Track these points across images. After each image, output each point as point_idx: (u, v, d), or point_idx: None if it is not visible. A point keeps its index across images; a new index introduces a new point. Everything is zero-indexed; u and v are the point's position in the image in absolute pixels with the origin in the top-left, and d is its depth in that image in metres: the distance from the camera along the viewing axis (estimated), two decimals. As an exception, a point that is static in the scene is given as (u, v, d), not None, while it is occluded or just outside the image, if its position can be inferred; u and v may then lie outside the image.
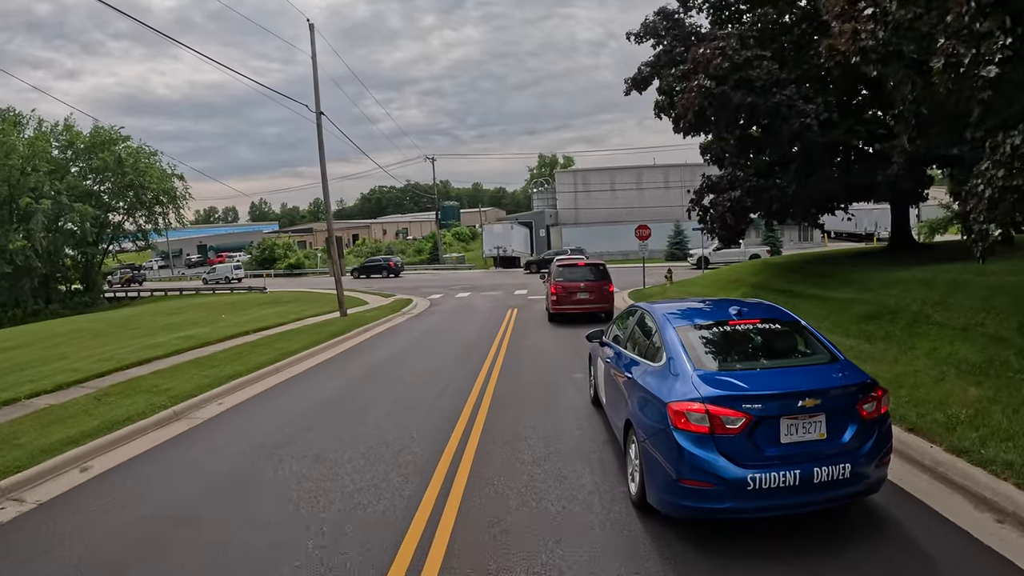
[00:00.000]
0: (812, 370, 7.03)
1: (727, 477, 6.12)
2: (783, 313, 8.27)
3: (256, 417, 12.77)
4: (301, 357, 19.12)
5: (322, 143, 29.38)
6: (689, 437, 6.29)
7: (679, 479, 6.30)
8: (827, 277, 20.72)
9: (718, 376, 6.75)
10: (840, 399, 6.48)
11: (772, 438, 6.29)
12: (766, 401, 6.31)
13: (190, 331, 25.80)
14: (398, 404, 12.89)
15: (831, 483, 6.22)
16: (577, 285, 24.39)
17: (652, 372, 7.53)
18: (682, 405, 6.40)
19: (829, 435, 6.38)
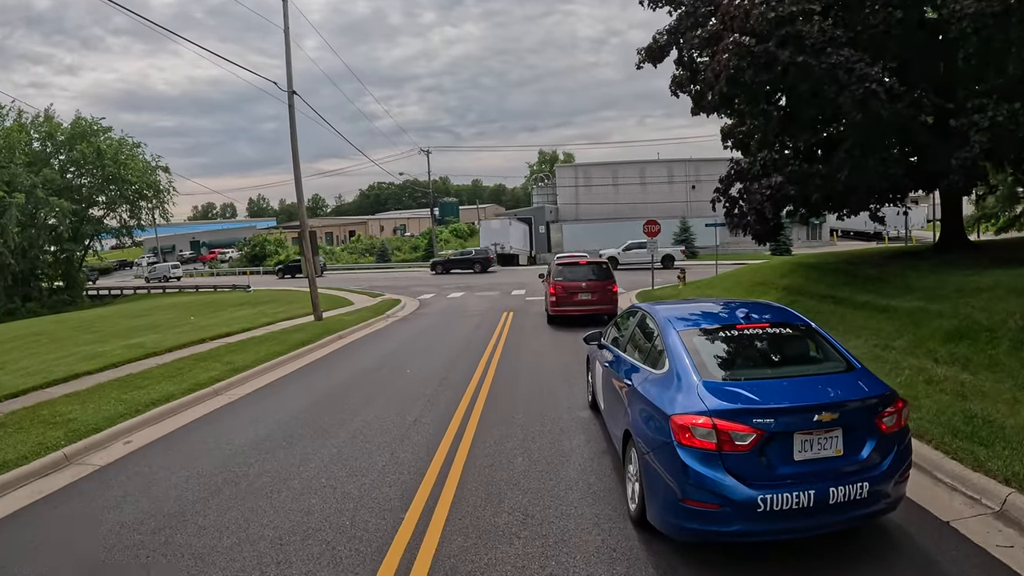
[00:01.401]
0: (828, 380, 6.50)
1: (735, 498, 5.67)
2: (794, 316, 7.81)
3: (160, 467, 9.71)
4: (251, 374, 16.25)
5: (294, 125, 26.41)
6: (694, 454, 5.85)
7: (683, 499, 5.86)
8: (879, 281, 17.57)
9: (726, 387, 6.28)
10: (858, 412, 6.02)
11: (785, 455, 5.86)
12: (779, 415, 5.82)
13: (144, 337, 23.66)
14: (347, 455, 9.78)
15: (848, 503, 5.77)
16: (578, 285, 22.80)
17: (654, 380, 7.03)
18: (687, 419, 5.96)
19: (846, 451, 5.96)
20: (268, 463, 9.33)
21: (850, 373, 6.61)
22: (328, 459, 9.31)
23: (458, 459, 9.06)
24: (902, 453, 6.13)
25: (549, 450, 9.23)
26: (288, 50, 25.98)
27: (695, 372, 6.46)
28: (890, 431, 6.06)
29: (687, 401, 6.13)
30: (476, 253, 64.18)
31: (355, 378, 15.24)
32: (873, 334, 13.79)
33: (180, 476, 9.06)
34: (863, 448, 5.97)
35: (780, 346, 7.20)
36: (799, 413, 5.83)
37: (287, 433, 10.84)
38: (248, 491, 8.29)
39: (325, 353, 19.57)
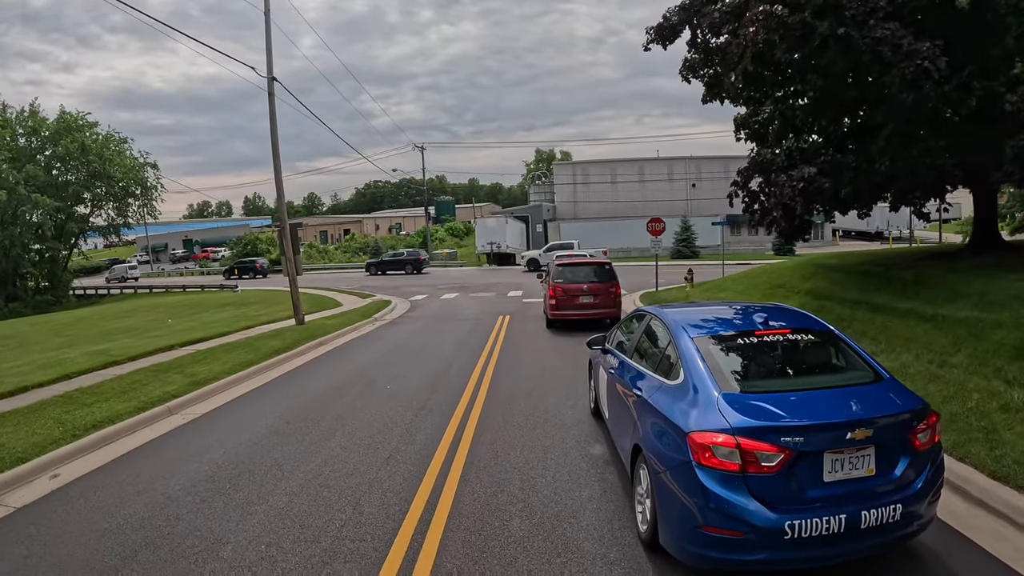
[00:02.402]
0: (858, 393, 5.97)
1: (760, 524, 5.17)
2: (816, 321, 7.35)
3: (77, 515, 7.88)
4: (213, 389, 14.42)
5: (274, 113, 24.46)
6: (715, 476, 5.33)
7: (702, 525, 5.34)
8: (918, 285, 15.60)
9: (749, 400, 5.77)
10: (892, 428, 5.57)
11: (814, 476, 5.36)
12: (809, 433, 5.33)
13: (113, 343, 22.08)
14: (300, 508, 7.88)
15: (880, 527, 5.31)
16: (580, 287, 21.41)
17: (667, 391, 6.50)
18: (707, 437, 5.43)
19: (879, 470, 5.50)
20: (202, 516, 7.48)
21: (879, 384, 6.17)
22: (275, 513, 7.43)
23: (438, 518, 7.18)
24: (936, 471, 5.77)
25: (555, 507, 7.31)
26: (268, 33, 24.08)
27: (713, 384, 5.98)
28: (924, 448, 5.67)
29: (707, 417, 5.65)
30: (408, 255, 65.15)
31: (327, 396, 13.36)
32: (924, 348, 11.96)
33: (96, 531, 7.32)
34: (896, 466, 5.59)
35: (803, 354, 6.82)
36: (831, 430, 5.41)
37: (235, 471, 8.99)
38: (169, 558, 6.49)
39: (300, 363, 17.70)
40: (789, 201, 15.45)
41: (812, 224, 18.84)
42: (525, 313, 26.76)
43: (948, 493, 7.00)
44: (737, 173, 19.25)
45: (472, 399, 12.34)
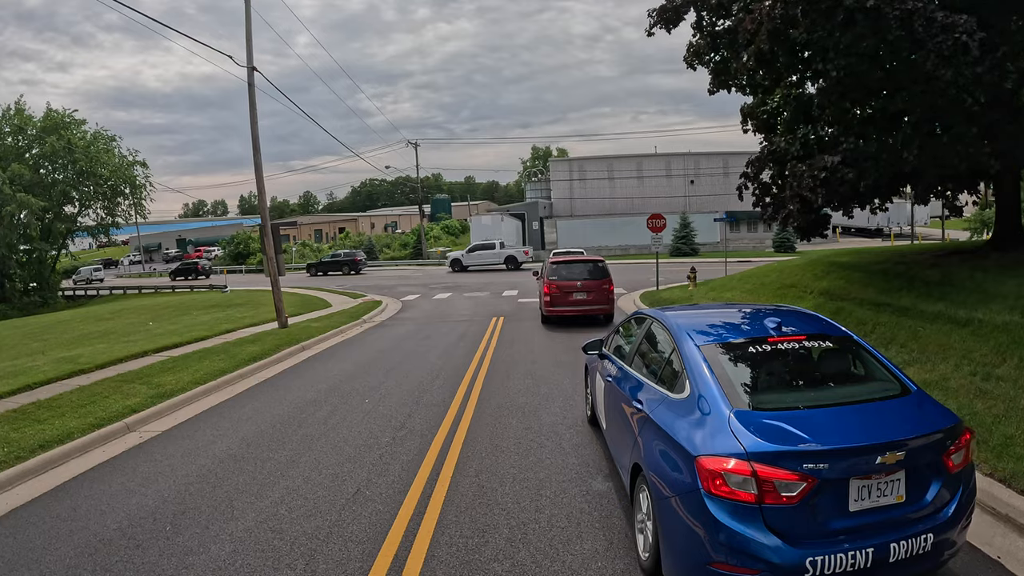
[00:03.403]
0: (886, 409, 5.25)
1: (778, 561, 4.44)
2: (832, 326, 6.50)
3: (9, 551, 6.78)
4: (178, 402, 13.22)
5: (254, 104, 23.08)
6: (727, 506, 4.59)
7: (712, 562, 4.63)
8: (945, 285, 14.33)
9: (765, 419, 4.96)
10: (925, 450, 4.85)
11: (839, 506, 4.64)
12: (835, 458, 4.58)
13: (87, 348, 21.07)
14: (244, 563, 6.55)
15: (909, 559, 4.62)
16: (574, 284, 21.69)
17: (671, 406, 5.71)
18: (718, 462, 4.67)
19: (908, 497, 4.80)
20: (131, 569, 6.24)
21: (907, 398, 5.47)
22: (215, 567, 6.15)
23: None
24: (969, 494, 5.13)
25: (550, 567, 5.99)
26: (248, 20, 22.77)
27: (723, 399, 5.25)
28: (957, 469, 5.02)
29: (717, 438, 4.90)
30: (344, 256, 67.35)
31: (296, 412, 12.08)
32: (963, 357, 10.67)
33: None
34: (928, 491, 4.93)
35: (821, 364, 6.03)
36: (859, 455, 4.68)
37: (180, 506, 7.73)
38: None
39: (276, 372, 16.43)
40: (808, 193, 14.16)
41: (829, 219, 17.61)
42: (520, 315, 25.56)
43: (1010, 533, 6.13)
44: (747, 164, 17.98)
45: (458, 417, 11.06)
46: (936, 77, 11.39)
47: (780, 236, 62.66)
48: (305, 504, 7.56)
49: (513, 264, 57.13)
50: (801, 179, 14.20)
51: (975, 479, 5.33)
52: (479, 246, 58.93)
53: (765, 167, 17.18)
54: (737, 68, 15.34)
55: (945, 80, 11.33)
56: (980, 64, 11.39)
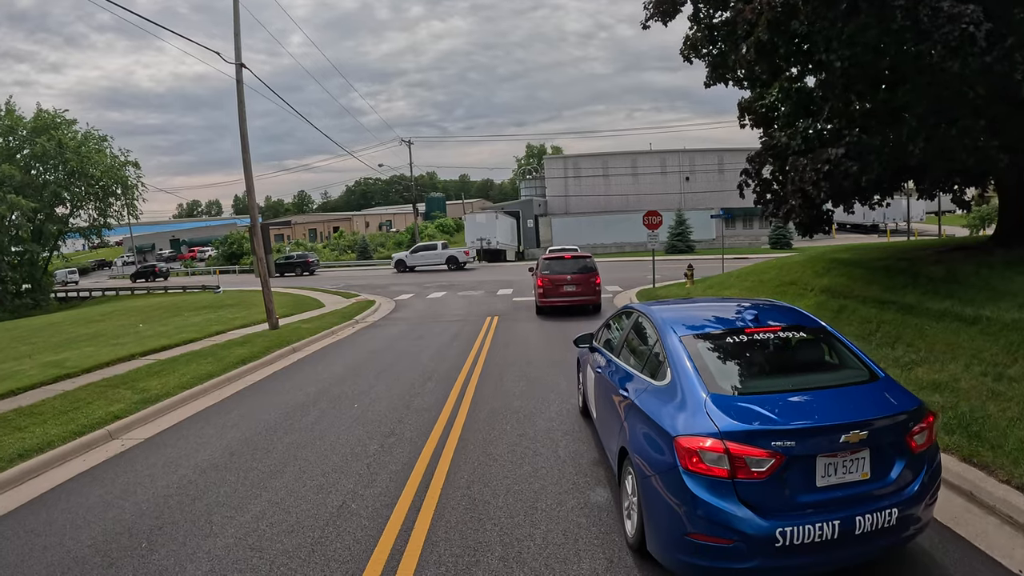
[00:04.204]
0: (852, 393, 5.72)
1: (750, 532, 4.87)
2: (807, 318, 7.03)
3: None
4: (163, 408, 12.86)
5: (242, 101, 22.66)
6: (702, 481, 5.05)
7: (689, 533, 5.07)
8: (951, 283, 13.99)
9: (738, 403, 5.46)
10: (888, 430, 5.27)
11: (807, 481, 5.08)
12: (802, 437, 5.03)
13: (75, 351, 20.64)
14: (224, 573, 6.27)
15: (875, 532, 5.05)
16: (564, 278, 24.03)
17: (654, 392, 6.21)
18: (694, 441, 5.13)
19: (874, 474, 5.24)
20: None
21: (875, 384, 5.92)
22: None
23: None
24: (933, 473, 5.56)
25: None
26: (236, 15, 22.38)
27: (701, 385, 5.72)
28: (920, 449, 5.46)
29: (694, 420, 5.36)
30: (297, 257, 69.27)
31: (283, 418, 11.69)
32: (973, 357, 10.30)
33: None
34: (892, 469, 5.35)
35: (795, 353, 6.57)
36: (824, 434, 5.13)
37: (158, 520, 7.38)
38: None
39: (265, 375, 16.05)
40: (811, 187, 13.77)
41: (832, 214, 17.26)
42: (515, 314, 25.20)
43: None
44: (747, 160, 17.59)
45: (450, 422, 10.66)
46: (943, 69, 11.03)
47: (776, 233, 62.40)
48: (287, 519, 7.18)
49: (454, 264, 58.46)
50: (803, 173, 13.82)
51: (940, 459, 5.74)
52: (422, 247, 60.92)
53: (765, 162, 16.81)
54: (736, 60, 14.95)
55: (952, 72, 10.97)
56: (988, 54, 11.02)
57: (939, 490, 5.66)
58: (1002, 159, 12.41)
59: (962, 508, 6.64)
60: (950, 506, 6.70)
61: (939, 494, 5.71)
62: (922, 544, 6.03)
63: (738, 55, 14.55)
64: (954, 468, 7.17)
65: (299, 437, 10.34)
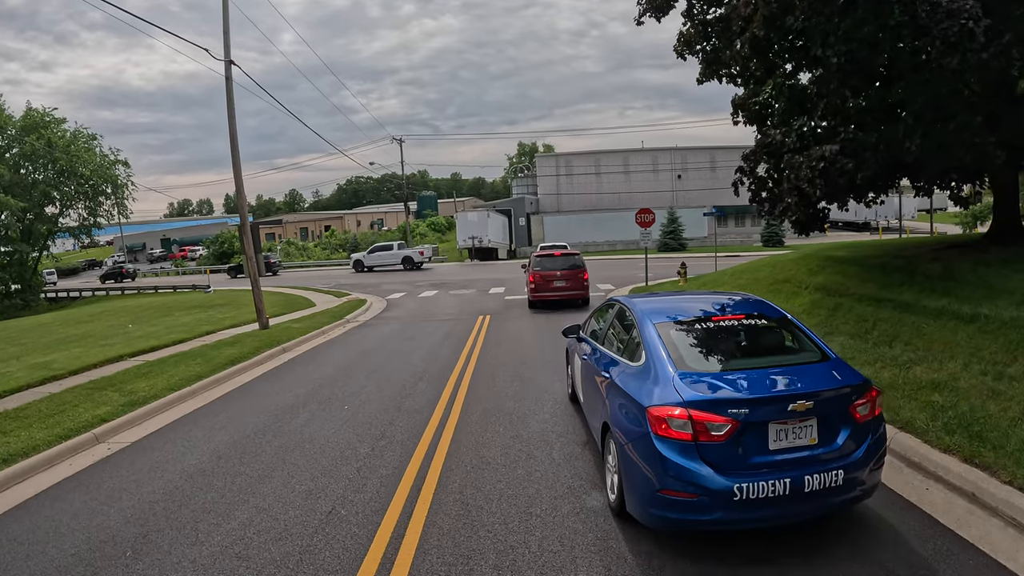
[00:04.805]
0: (802, 370, 6.52)
1: (712, 487, 5.68)
2: (770, 308, 7.89)
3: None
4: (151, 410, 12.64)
5: (231, 98, 22.43)
6: (670, 444, 5.85)
7: (660, 489, 5.86)
8: (947, 280, 13.81)
9: (701, 378, 6.28)
10: (833, 402, 6.06)
11: (760, 445, 5.86)
12: (754, 405, 5.84)
13: (63, 353, 20.39)
14: None
15: (823, 491, 5.79)
16: (554, 274, 25.30)
17: (631, 373, 7.05)
18: (663, 410, 5.96)
19: (821, 440, 6.00)
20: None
21: (824, 363, 6.66)
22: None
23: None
24: (876, 441, 6.21)
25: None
26: (225, 11, 22.15)
27: (671, 364, 6.49)
28: (864, 420, 6.13)
29: (663, 393, 6.14)
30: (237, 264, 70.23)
31: (272, 420, 11.49)
32: (972, 356, 10.14)
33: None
34: (837, 436, 6.04)
35: (756, 337, 7.35)
36: (774, 403, 5.88)
37: (142, 528, 7.19)
38: None
39: (254, 376, 15.83)
40: (806, 185, 13.61)
41: (829, 212, 17.11)
42: (507, 312, 25.03)
43: None
44: (743, 158, 17.37)
45: (442, 424, 10.46)
46: (941, 65, 10.88)
47: (768, 230, 62.35)
48: (275, 526, 6.99)
49: (410, 264, 59.60)
50: (799, 171, 13.65)
51: (884, 429, 6.43)
52: (379, 247, 62.26)
53: (760, 160, 16.63)
54: (731, 55, 14.78)
55: (951, 68, 10.82)
56: (985, 51, 10.88)
57: (884, 457, 6.37)
58: (999, 155, 12.27)
59: (965, 510, 6.49)
60: (953, 508, 6.57)
61: (940, 495, 6.38)
62: (928, 548, 5.95)
63: (733, 51, 14.41)
64: (955, 469, 7.03)
65: (288, 440, 10.14)
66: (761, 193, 17.14)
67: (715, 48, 16.11)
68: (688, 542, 6.23)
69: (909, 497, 6.97)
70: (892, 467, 7.64)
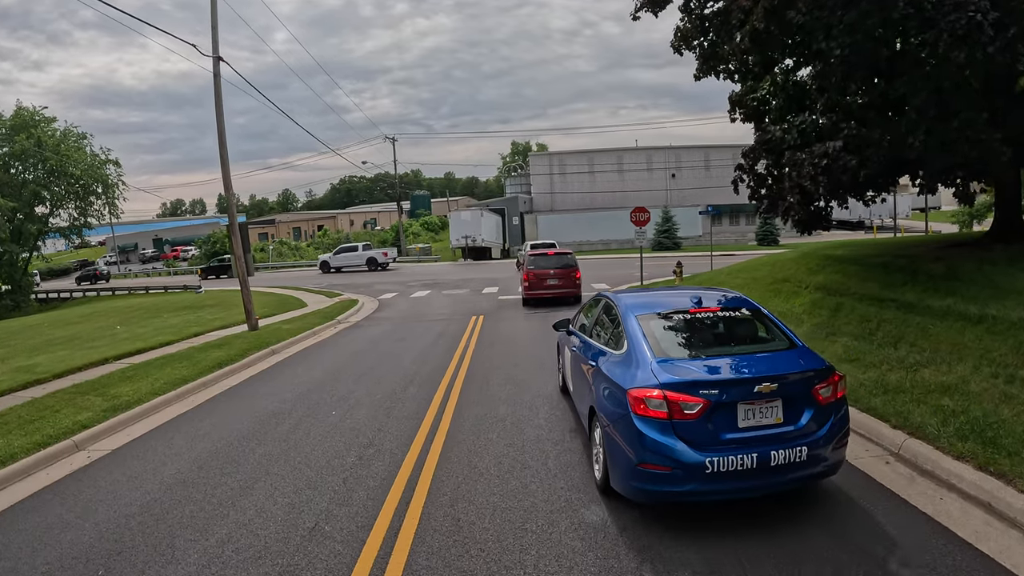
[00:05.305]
0: (769, 356, 7.10)
1: (686, 461, 6.19)
2: (745, 301, 8.38)
3: None
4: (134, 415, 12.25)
5: (219, 95, 22.05)
6: (648, 423, 6.36)
7: (639, 464, 6.37)
8: (952, 279, 13.47)
9: (677, 363, 6.84)
10: (797, 384, 6.55)
11: (730, 423, 6.37)
12: (723, 387, 6.40)
13: (49, 355, 20.17)
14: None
15: (788, 466, 6.30)
16: (547, 272, 26.08)
17: (615, 360, 7.58)
18: (641, 392, 6.49)
19: (786, 419, 6.46)
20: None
21: (792, 351, 7.23)
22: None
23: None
24: (839, 421, 6.67)
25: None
26: (214, 6, 21.72)
27: (650, 351, 7.04)
28: (827, 401, 6.62)
29: (642, 376, 6.68)
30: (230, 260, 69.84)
31: (257, 427, 11.06)
32: (981, 357, 9.82)
33: None
34: (801, 416, 6.50)
35: (730, 328, 7.85)
36: (741, 385, 6.43)
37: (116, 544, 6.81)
38: None
39: (241, 379, 15.43)
40: (809, 183, 13.24)
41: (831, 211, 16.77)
42: (500, 313, 24.70)
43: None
44: (742, 155, 16.97)
45: (433, 430, 10.07)
46: (949, 58, 10.54)
47: (763, 229, 62.11)
48: (255, 543, 6.60)
49: (373, 265, 60.50)
50: (801, 168, 13.27)
51: (847, 411, 6.89)
52: (344, 249, 63.41)
53: (760, 157, 16.25)
54: (731, 49, 14.44)
55: (959, 62, 10.48)
56: (992, 44, 10.54)
57: (847, 436, 6.83)
58: (1005, 152, 11.96)
59: (982, 521, 6.20)
60: (969, 519, 6.28)
61: (956, 505, 6.52)
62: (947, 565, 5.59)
63: (732, 45, 14.03)
64: (969, 477, 6.74)
65: (272, 448, 9.75)
66: (760, 191, 16.78)
67: (712, 43, 15.78)
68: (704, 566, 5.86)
69: (924, 508, 6.63)
70: (903, 476, 7.38)
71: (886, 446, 8.17)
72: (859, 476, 7.52)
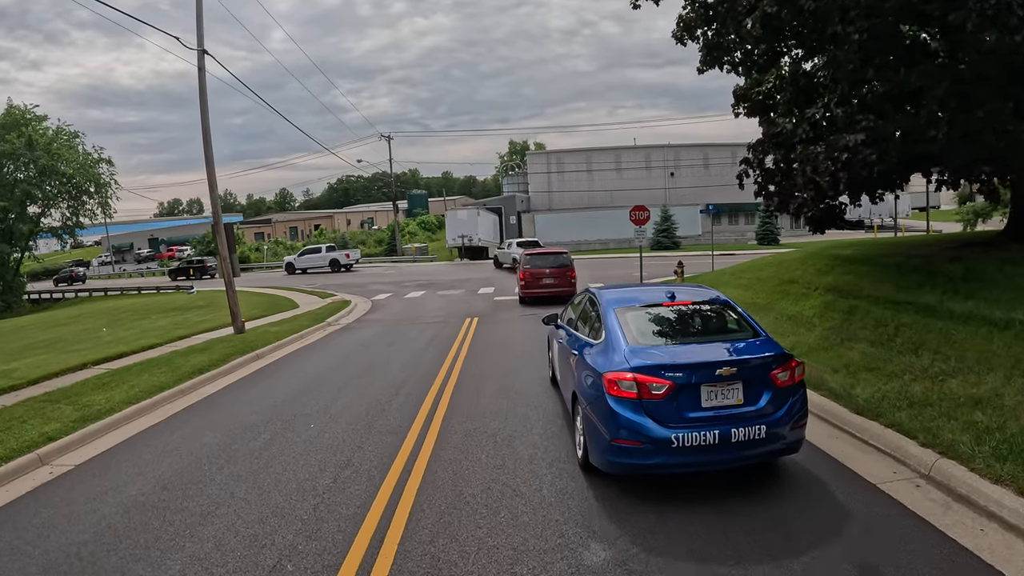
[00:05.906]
0: (732, 344, 7.80)
1: (654, 436, 6.85)
2: (717, 296, 9.02)
3: None
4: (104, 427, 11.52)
5: (204, 89, 21.38)
6: (621, 402, 7.05)
7: (612, 439, 7.03)
8: (972, 281, 12.70)
9: (647, 349, 7.58)
10: (756, 369, 7.19)
11: (694, 403, 7.02)
12: (687, 370, 7.05)
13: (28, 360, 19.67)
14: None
15: (748, 442, 6.93)
16: (543, 271, 26.81)
17: (594, 348, 8.27)
18: (614, 375, 7.19)
19: (746, 400, 7.10)
20: None
21: (754, 340, 7.93)
22: None
23: None
24: (796, 403, 7.30)
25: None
26: (198, 0, 21.04)
27: (624, 340, 7.80)
28: (784, 385, 7.23)
29: (616, 361, 7.45)
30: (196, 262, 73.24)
31: (228, 442, 10.29)
32: (1013, 367, 9.00)
33: None
34: (760, 398, 7.14)
35: (701, 320, 8.55)
36: (704, 368, 7.09)
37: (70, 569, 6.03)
38: None
39: (221, 387, 14.70)
40: (827, 179, 12.44)
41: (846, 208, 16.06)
42: (496, 315, 24.04)
43: None
44: (748, 149, 16.23)
45: (416, 448, 9.28)
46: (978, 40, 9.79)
47: (763, 228, 61.39)
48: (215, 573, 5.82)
49: (336, 266, 61.32)
50: (816, 163, 12.46)
51: (804, 393, 7.49)
52: (308, 250, 64.37)
53: (768, 151, 15.49)
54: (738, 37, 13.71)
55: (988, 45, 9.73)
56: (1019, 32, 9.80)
57: (805, 418, 7.44)
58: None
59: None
60: (1013, 555, 5.55)
61: (999, 538, 5.90)
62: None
63: (742, 31, 13.21)
64: (1011, 504, 6.07)
65: (241, 467, 8.98)
66: (769, 186, 16.01)
67: (717, 32, 15.02)
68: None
69: (964, 542, 5.86)
70: (938, 503, 6.64)
71: (914, 467, 7.46)
72: (891, 504, 6.78)
